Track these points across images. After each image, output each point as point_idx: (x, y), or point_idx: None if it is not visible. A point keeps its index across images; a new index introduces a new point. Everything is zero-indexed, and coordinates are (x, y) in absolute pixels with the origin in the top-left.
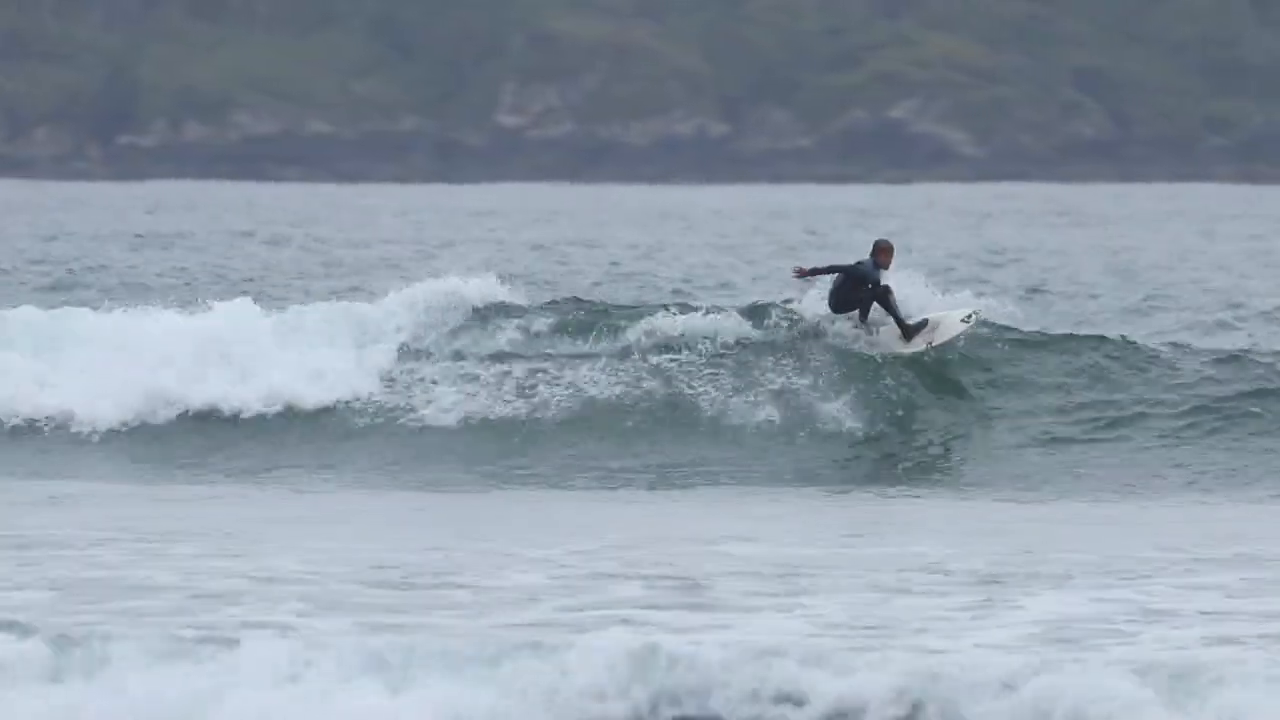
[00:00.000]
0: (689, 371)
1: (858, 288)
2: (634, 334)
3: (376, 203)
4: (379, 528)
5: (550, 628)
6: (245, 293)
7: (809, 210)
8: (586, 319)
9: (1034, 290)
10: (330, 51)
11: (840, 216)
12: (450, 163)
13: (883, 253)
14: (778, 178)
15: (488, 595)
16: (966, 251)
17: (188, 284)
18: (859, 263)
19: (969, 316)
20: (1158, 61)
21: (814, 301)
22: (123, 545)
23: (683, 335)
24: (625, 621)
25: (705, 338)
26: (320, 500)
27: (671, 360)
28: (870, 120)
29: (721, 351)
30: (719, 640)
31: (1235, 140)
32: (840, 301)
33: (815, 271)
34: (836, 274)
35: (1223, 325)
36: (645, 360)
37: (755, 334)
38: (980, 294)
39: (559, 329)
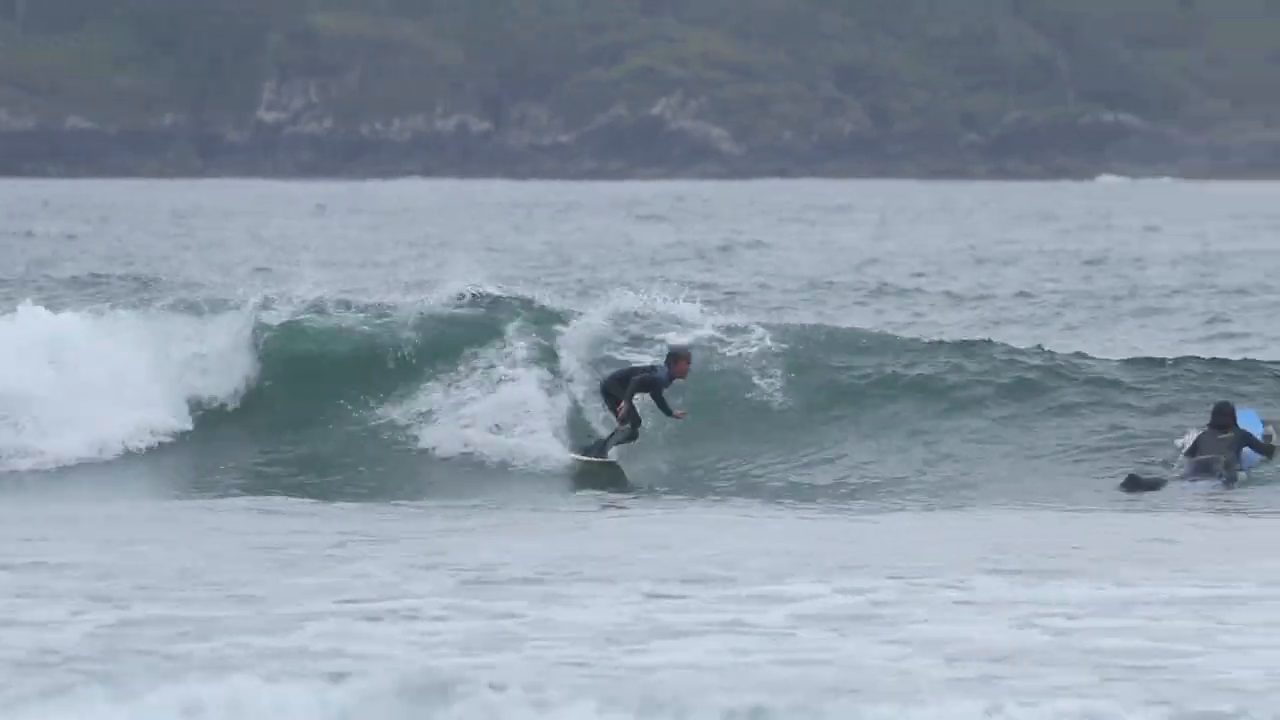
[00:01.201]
0: None
1: (642, 391)
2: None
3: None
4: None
5: None
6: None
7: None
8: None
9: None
10: (90, 47)
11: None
12: (211, 159)
13: (681, 362)
14: (539, 174)
15: None
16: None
17: None
18: (653, 368)
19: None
20: (915, 58)
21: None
22: None
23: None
24: None
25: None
26: None
27: None
28: (630, 117)
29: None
30: None
31: (990, 136)
32: (613, 397)
33: (630, 406)
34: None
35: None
36: None
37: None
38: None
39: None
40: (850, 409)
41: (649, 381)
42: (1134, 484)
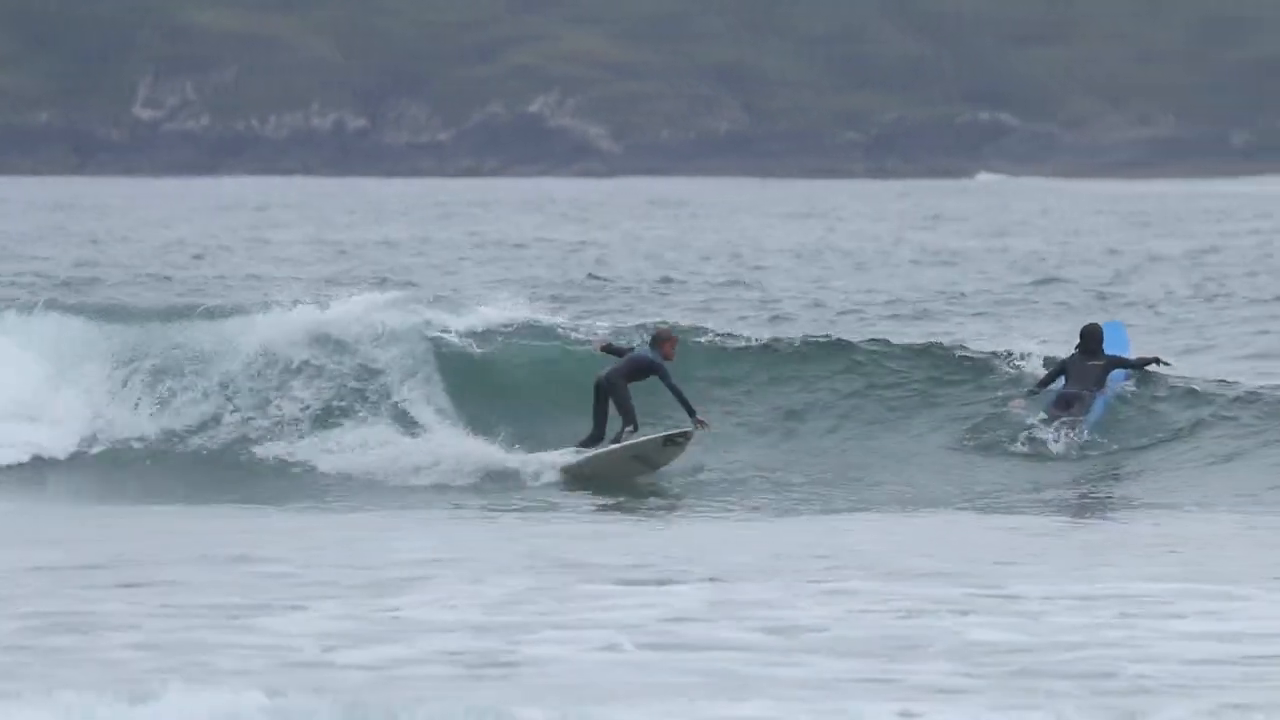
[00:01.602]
0: None
1: (634, 377)
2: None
3: None
4: None
5: None
6: None
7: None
8: None
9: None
10: None
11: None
12: (89, 156)
13: (665, 343)
14: (416, 171)
15: None
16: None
17: None
18: (641, 348)
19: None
20: (791, 57)
21: None
22: None
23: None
24: None
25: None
26: None
27: None
28: (507, 114)
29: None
30: None
31: (868, 135)
32: (614, 384)
33: (609, 348)
34: (624, 354)
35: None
36: None
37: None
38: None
39: None
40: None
41: (647, 367)
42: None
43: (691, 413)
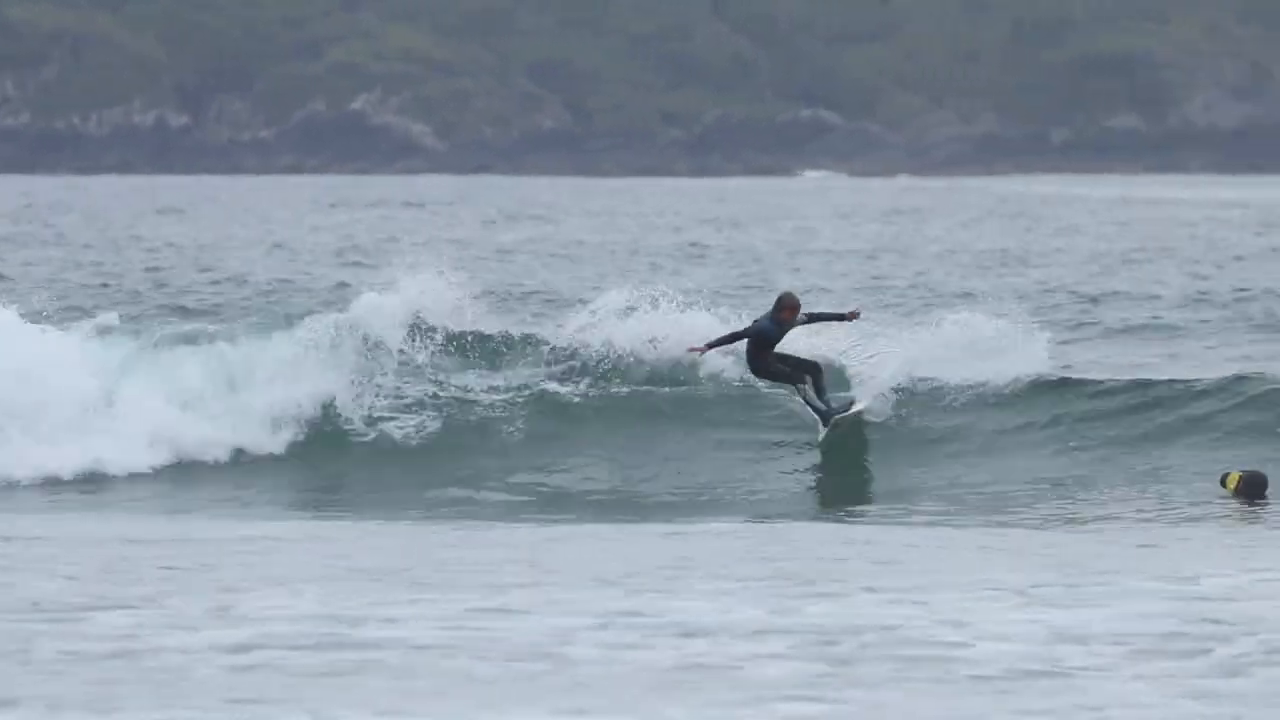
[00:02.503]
0: None
1: (761, 352)
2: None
3: None
4: None
5: None
6: None
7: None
8: None
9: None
10: None
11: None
12: None
13: (786, 309)
14: (239, 169)
15: None
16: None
17: None
18: (755, 321)
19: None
20: (615, 55)
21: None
22: None
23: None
24: None
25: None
26: None
27: None
28: (330, 112)
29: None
30: None
31: (691, 133)
32: (756, 367)
33: (712, 345)
34: (741, 339)
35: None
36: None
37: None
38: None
39: None
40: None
41: (761, 337)
42: None
43: (841, 317)
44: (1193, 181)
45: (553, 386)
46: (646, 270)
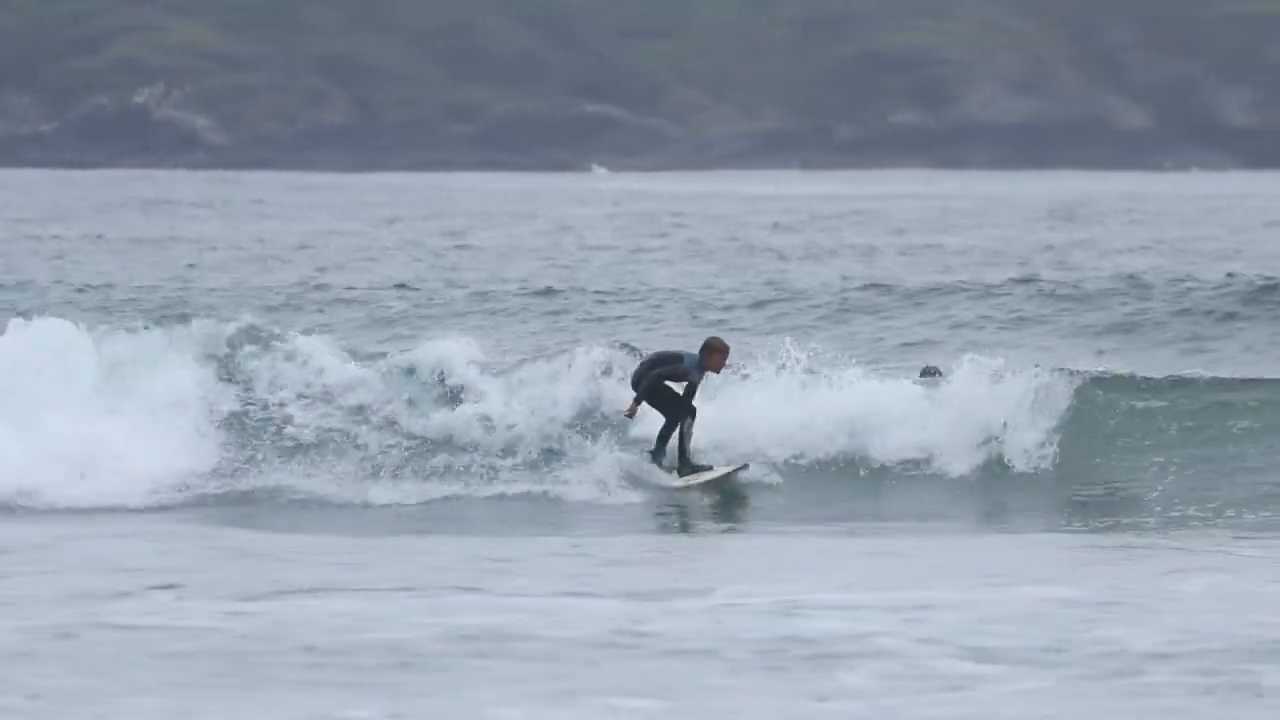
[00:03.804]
0: None
1: (663, 380)
2: None
3: None
4: None
5: None
6: None
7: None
8: None
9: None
10: None
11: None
12: None
13: (715, 354)
14: (21, 163)
15: None
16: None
17: None
18: (679, 356)
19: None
20: (402, 49)
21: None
22: None
23: None
24: None
25: None
26: None
27: None
28: (113, 106)
29: None
30: None
31: (478, 128)
32: (647, 385)
33: (638, 399)
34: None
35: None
36: None
37: None
38: None
39: None
40: None
41: (673, 371)
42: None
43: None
44: (975, 177)
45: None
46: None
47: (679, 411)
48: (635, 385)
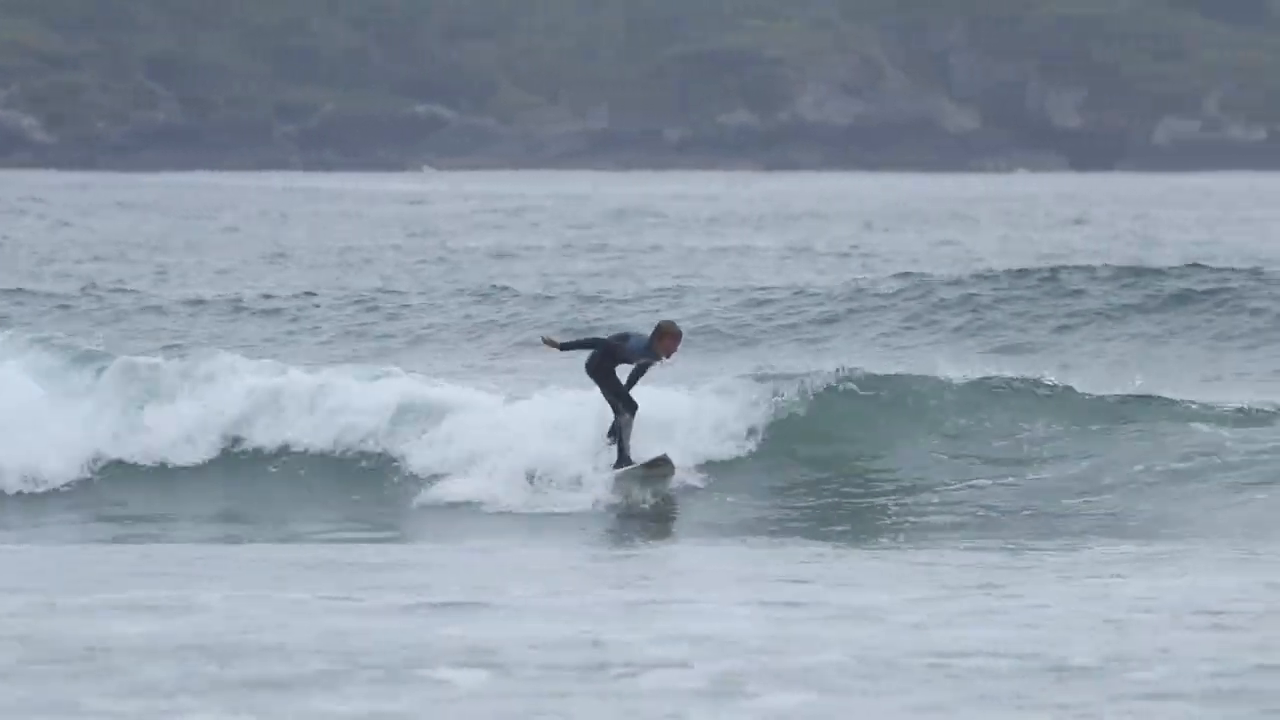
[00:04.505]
0: None
1: (607, 363)
2: None
3: None
4: None
5: None
6: None
7: None
8: None
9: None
10: None
11: None
12: None
13: (666, 337)
14: None
15: None
16: None
17: None
18: (625, 336)
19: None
20: (230, 49)
21: None
22: None
23: None
24: None
25: None
26: None
27: None
28: None
29: None
30: None
31: (306, 127)
32: (598, 371)
33: (567, 346)
34: (592, 349)
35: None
36: None
37: None
38: None
39: None
40: None
41: (616, 351)
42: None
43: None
44: (805, 178)
45: None
46: None
47: (622, 405)
48: (591, 372)
